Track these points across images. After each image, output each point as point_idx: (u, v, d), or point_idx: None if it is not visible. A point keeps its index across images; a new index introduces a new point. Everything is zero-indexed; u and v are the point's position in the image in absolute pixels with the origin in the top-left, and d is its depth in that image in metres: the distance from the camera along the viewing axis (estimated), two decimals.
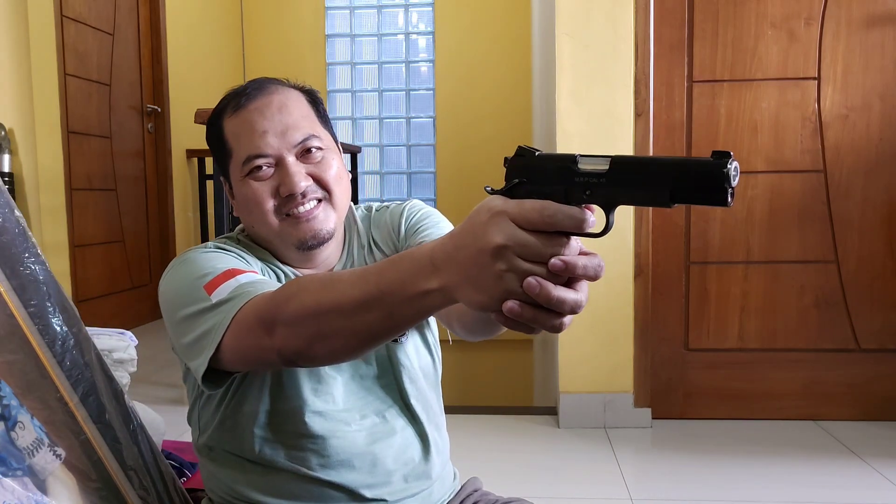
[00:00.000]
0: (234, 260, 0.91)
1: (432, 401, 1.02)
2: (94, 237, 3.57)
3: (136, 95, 3.97)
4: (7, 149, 2.98)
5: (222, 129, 0.96)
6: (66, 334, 1.00)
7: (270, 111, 0.93)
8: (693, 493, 1.84)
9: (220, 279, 0.84)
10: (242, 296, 0.80)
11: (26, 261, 0.98)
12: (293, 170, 0.91)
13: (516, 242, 0.55)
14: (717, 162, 0.51)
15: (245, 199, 0.94)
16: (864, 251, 2.30)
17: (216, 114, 0.97)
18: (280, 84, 0.97)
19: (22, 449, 0.91)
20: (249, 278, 0.84)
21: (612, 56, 2.25)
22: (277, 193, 0.92)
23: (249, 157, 0.92)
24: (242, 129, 0.93)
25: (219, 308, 0.81)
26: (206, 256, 0.90)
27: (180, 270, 0.91)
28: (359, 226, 1.05)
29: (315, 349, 0.71)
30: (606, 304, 2.29)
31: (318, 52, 5.15)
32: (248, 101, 0.93)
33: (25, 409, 0.93)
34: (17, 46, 3.04)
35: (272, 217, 0.93)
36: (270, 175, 0.92)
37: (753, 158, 2.30)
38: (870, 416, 2.31)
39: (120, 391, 1.08)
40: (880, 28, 2.25)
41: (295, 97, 0.96)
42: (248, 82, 0.98)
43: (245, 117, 0.93)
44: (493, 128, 4.96)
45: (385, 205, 1.09)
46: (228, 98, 0.97)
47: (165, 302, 0.91)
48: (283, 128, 0.92)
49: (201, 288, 0.84)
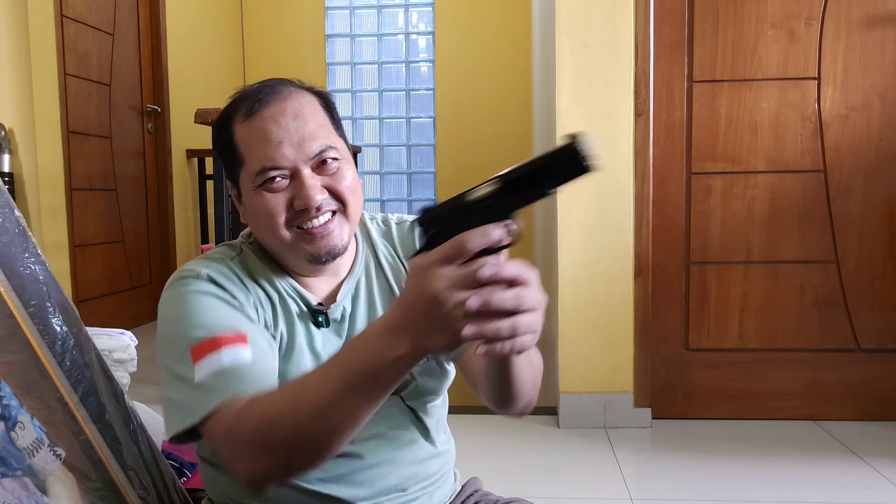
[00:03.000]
0: (225, 311, 0.86)
1: (439, 407, 1.02)
2: (94, 237, 3.57)
3: (136, 95, 3.97)
4: (7, 149, 2.98)
5: (232, 135, 0.90)
6: (66, 334, 1.00)
7: (285, 119, 0.88)
8: (693, 493, 1.84)
9: (206, 348, 0.82)
10: (220, 391, 0.79)
11: (26, 261, 0.98)
12: (309, 183, 0.87)
13: (449, 280, 0.63)
14: (569, 144, 0.62)
15: (256, 210, 0.90)
16: (864, 251, 2.30)
17: (225, 117, 0.92)
18: (294, 87, 0.92)
19: (22, 449, 0.91)
20: (234, 360, 0.81)
21: (612, 56, 2.25)
22: (291, 206, 0.88)
23: (264, 169, 0.87)
24: (255, 138, 0.88)
25: (195, 392, 0.80)
26: (199, 304, 0.86)
27: (173, 309, 0.87)
28: (374, 240, 1.01)
29: (299, 461, 0.74)
30: (606, 304, 2.29)
31: (318, 52, 5.15)
32: (262, 108, 0.88)
33: (25, 409, 0.93)
34: (17, 46, 3.04)
35: (284, 231, 0.89)
36: (285, 187, 0.88)
37: (753, 158, 2.30)
38: (870, 416, 2.31)
39: (120, 391, 1.08)
40: (880, 28, 2.25)
41: (309, 102, 0.91)
42: (260, 84, 0.92)
43: (258, 125, 0.88)
44: (493, 128, 4.96)
45: (405, 219, 1.05)
46: (239, 101, 0.91)
47: (158, 332, 0.89)
48: (300, 138, 0.88)
49: (188, 350, 0.82)
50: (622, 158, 2.27)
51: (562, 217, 2.30)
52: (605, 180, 2.27)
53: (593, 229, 2.29)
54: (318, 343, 0.93)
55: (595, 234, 2.29)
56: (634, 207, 2.27)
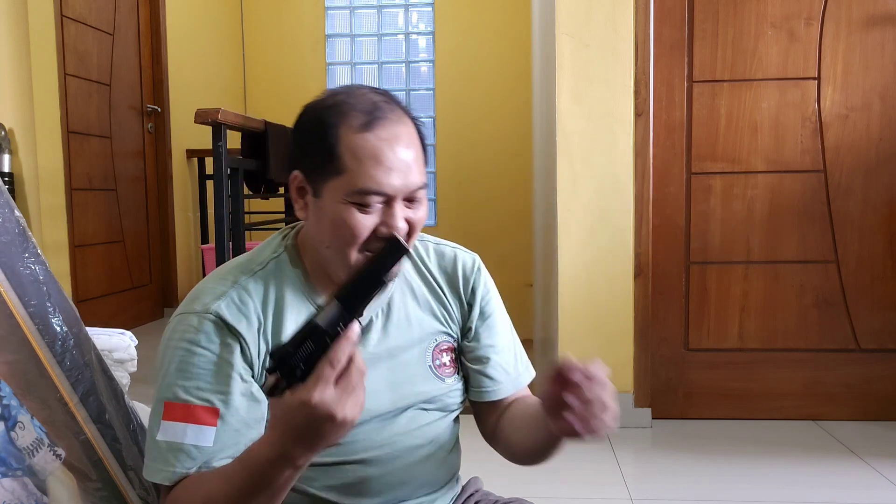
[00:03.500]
0: (211, 377, 0.87)
1: (451, 418, 1.03)
2: (94, 237, 3.57)
3: (136, 95, 3.97)
4: (7, 149, 2.98)
5: (338, 139, 0.87)
6: (66, 334, 1.00)
7: (400, 147, 0.87)
8: (693, 493, 1.84)
9: (177, 413, 0.86)
10: (167, 465, 0.85)
11: (26, 261, 0.98)
12: (399, 214, 0.88)
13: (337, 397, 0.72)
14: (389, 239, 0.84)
15: (337, 222, 0.88)
16: (864, 251, 2.30)
17: (329, 117, 0.88)
18: (400, 109, 0.91)
19: (22, 449, 0.91)
20: (195, 440, 0.85)
21: (612, 56, 2.25)
22: (375, 231, 0.88)
23: (367, 191, 0.86)
24: (367, 155, 0.86)
25: (152, 449, 0.87)
26: (190, 361, 0.87)
27: (169, 348, 0.89)
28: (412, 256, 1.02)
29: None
30: (606, 304, 2.29)
31: (318, 52, 5.15)
32: (378, 125, 0.87)
33: (25, 409, 0.93)
34: (17, 46, 3.04)
35: (355, 252, 0.88)
36: (376, 211, 0.87)
37: (753, 158, 2.30)
38: (870, 416, 2.31)
39: (120, 391, 1.08)
40: (880, 28, 2.25)
41: (412, 131, 0.91)
42: (370, 95, 0.90)
43: (374, 143, 0.86)
44: (493, 128, 4.95)
45: (444, 243, 1.07)
46: (350, 107, 0.88)
47: (157, 356, 0.92)
48: (407, 170, 0.87)
49: (162, 402, 0.87)
50: (622, 158, 2.27)
51: (562, 217, 2.30)
52: (605, 180, 2.27)
53: (593, 229, 2.29)
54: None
55: (595, 234, 2.28)
56: (634, 207, 2.27)
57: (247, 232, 2.87)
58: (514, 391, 1.04)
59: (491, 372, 1.02)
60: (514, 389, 1.04)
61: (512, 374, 1.04)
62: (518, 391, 1.05)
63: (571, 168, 2.28)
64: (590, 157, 2.27)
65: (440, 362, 1.01)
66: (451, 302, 1.03)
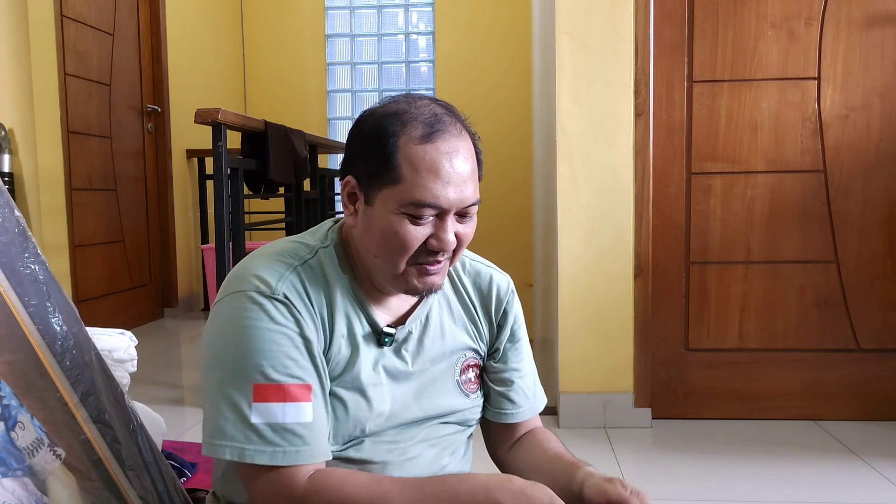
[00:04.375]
0: (296, 353, 0.86)
1: (469, 430, 1.05)
2: (94, 237, 3.57)
3: (136, 95, 3.97)
4: (7, 149, 2.98)
5: (396, 148, 0.86)
6: (66, 334, 1.00)
7: (458, 160, 0.87)
8: (693, 493, 1.84)
9: (271, 393, 0.84)
10: (274, 447, 0.83)
11: (26, 261, 0.98)
12: (450, 228, 0.88)
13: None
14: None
15: (388, 232, 0.87)
16: (864, 251, 2.30)
17: (388, 125, 0.88)
18: (460, 122, 0.91)
19: (22, 449, 0.91)
20: (295, 418, 0.84)
21: (612, 56, 2.25)
22: (424, 243, 0.88)
23: (422, 203, 0.86)
24: (426, 167, 0.85)
25: (247, 432, 0.83)
26: (269, 338, 0.85)
27: (237, 327, 0.86)
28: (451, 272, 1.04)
29: None
30: (606, 304, 2.29)
31: (318, 52, 5.15)
32: (439, 137, 0.86)
33: (25, 409, 0.93)
34: (17, 46, 3.04)
35: (403, 263, 0.89)
36: (428, 223, 0.87)
37: (753, 158, 2.30)
38: (870, 416, 2.31)
39: (120, 391, 1.08)
40: (880, 28, 2.24)
41: (469, 146, 0.91)
42: (432, 106, 0.90)
43: (433, 155, 0.86)
44: (493, 128, 4.95)
45: (479, 260, 1.08)
46: (410, 117, 0.88)
47: (211, 340, 0.89)
48: (463, 185, 0.87)
49: (250, 385, 0.84)
50: (622, 158, 2.27)
51: (562, 217, 2.30)
52: (605, 180, 2.27)
53: (593, 229, 2.29)
54: (378, 361, 0.94)
55: (595, 234, 2.29)
56: (634, 207, 2.27)
57: (247, 232, 2.87)
58: (531, 416, 1.07)
59: (513, 395, 1.05)
60: (531, 414, 1.07)
61: (531, 399, 1.07)
62: (533, 417, 1.08)
63: (571, 168, 2.28)
64: (590, 157, 2.27)
65: (466, 378, 1.02)
66: (482, 321, 1.04)
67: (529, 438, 1.05)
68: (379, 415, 0.92)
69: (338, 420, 0.90)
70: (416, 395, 0.96)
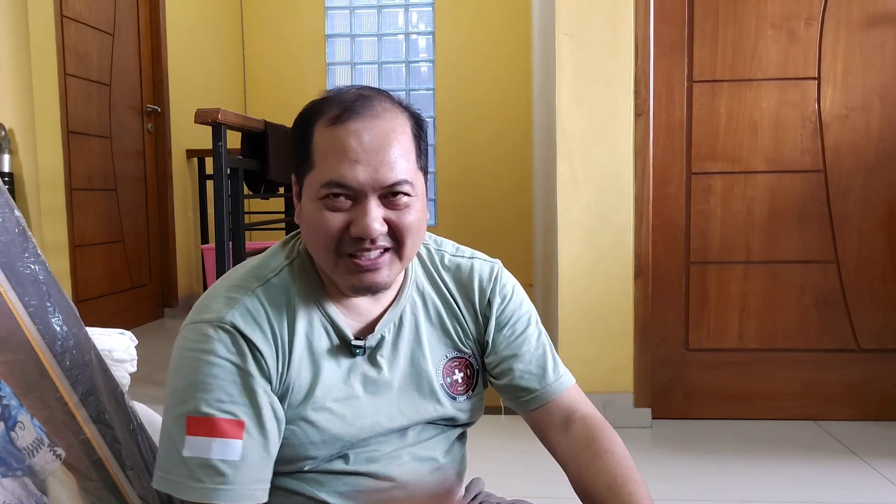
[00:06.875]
0: (234, 388, 0.82)
1: (466, 432, 1.03)
2: (94, 237, 3.57)
3: (136, 95, 3.97)
4: (7, 149, 2.98)
5: (311, 136, 0.84)
6: (66, 334, 1.00)
7: (369, 137, 0.81)
8: (693, 493, 1.84)
9: (200, 427, 0.81)
10: (200, 483, 0.80)
11: (26, 261, 0.98)
12: (371, 213, 0.82)
13: None
14: None
15: (311, 222, 0.85)
16: (864, 251, 2.30)
17: (310, 114, 0.86)
18: (390, 103, 0.85)
19: (22, 449, 0.91)
20: (221, 455, 0.81)
21: (612, 56, 2.25)
22: (346, 230, 0.83)
23: (330, 183, 0.82)
24: (333, 149, 0.82)
25: (178, 465, 0.81)
26: (209, 372, 0.82)
27: (184, 359, 0.84)
28: (429, 268, 0.98)
29: None
30: (606, 304, 2.29)
31: (318, 52, 5.15)
32: (350, 118, 0.82)
33: (25, 409, 0.93)
34: (17, 46, 3.04)
35: (332, 254, 0.84)
36: (346, 208, 0.83)
37: (753, 158, 2.30)
38: (870, 416, 2.31)
39: (120, 391, 1.08)
40: (880, 28, 2.25)
41: (401, 125, 0.84)
42: (357, 92, 0.85)
43: (340, 136, 0.82)
44: (493, 128, 4.96)
45: (461, 254, 1.01)
46: (328, 103, 0.85)
47: (169, 368, 0.87)
48: (377, 164, 0.81)
49: (184, 416, 0.82)
50: (622, 158, 2.27)
51: (562, 217, 2.30)
52: (605, 180, 2.27)
53: (593, 229, 2.29)
54: (351, 372, 0.91)
55: (595, 234, 2.29)
56: (634, 207, 2.27)
57: (247, 232, 2.87)
58: (554, 396, 0.99)
59: (520, 383, 0.98)
60: (554, 395, 0.98)
61: (546, 378, 0.99)
62: (566, 396, 0.99)
63: (571, 168, 2.28)
64: (590, 157, 2.27)
65: (452, 380, 0.96)
66: (466, 318, 0.98)
67: (579, 437, 0.95)
68: (360, 428, 0.89)
69: (313, 443, 0.87)
70: (398, 401, 0.92)
